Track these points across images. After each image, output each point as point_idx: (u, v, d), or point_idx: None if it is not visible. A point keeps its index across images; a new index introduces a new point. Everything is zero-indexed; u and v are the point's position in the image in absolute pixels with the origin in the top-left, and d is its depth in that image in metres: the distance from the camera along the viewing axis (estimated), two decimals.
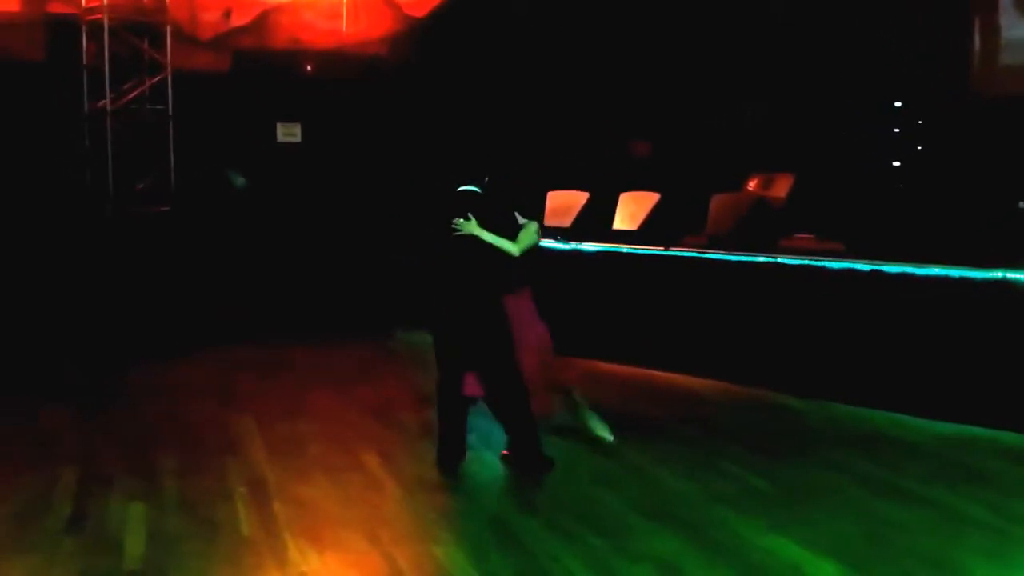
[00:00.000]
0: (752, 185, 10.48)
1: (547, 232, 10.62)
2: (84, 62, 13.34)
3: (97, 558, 5.05)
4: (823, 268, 8.37)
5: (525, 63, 13.01)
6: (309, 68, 14.08)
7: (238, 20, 14.24)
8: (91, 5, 13.13)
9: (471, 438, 7.29)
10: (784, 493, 6.02)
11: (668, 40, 12.26)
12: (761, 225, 9.60)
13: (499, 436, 7.25)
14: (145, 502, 5.86)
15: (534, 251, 6.91)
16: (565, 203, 10.86)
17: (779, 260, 8.72)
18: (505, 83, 13.16)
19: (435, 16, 14.37)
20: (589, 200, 10.83)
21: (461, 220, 6.44)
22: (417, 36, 14.37)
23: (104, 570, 4.94)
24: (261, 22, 14.30)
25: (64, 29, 13.39)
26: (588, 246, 10.13)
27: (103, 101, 13.18)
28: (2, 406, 8.22)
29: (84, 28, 13.28)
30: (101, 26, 13.03)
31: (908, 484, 6.16)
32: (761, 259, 8.83)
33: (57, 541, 5.26)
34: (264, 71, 13.95)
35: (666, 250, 9.55)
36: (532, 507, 5.76)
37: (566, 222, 10.72)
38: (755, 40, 11.74)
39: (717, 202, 10.06)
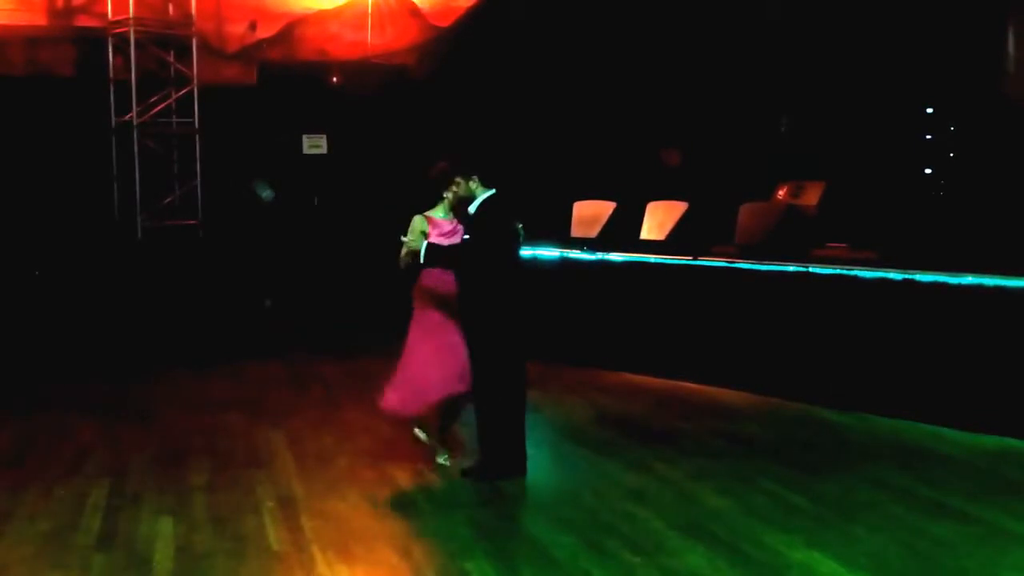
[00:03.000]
0: (782, 193, 10.37)
1: (574, 243, 10.60)
2: (111, 76, 13.41)
3: (127, 574, 5.03)
4: (856, 277, 8.26)
5: (552, 72, 12.95)
6: (335, 79, 14.08)
7: (264, 32, 14.28)
8: (117, 19, 13.19)
9: None
10: (822, 508, 5.91)
11: (697, 48, 12.17)
12: (792, 234, 9.49)
13: (528, 450, 7.20)
14: (174, 517, 5.83)
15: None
16: (592, 213, 10.81)
17: (811, 269, 8.62)
18: (532, 92, 13.11)
19: (460, 26, 14.36)
20: (616, 210, 10.76)
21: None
22: (442, 46, 14.36)
23: None
24: (287, 34, 14.34)
25: (91, 43, 13.48)
26: (615, 256, 10.05)
27: (130, 114, 13.25)
28: (32, 422, 8.20)
29: (110, 42, 13.36)
30: (127, 40, 13.11)
31: (949, 499, 6.05)
32: (792, 268, 8.72)
33: (87, 558, 5.23)
34: (290, 83, 13.97)
35: (695, 260, 9.46)
36: (566, 523, 5.68)
37: (593, 232, 10.65)
38: (784, 47, 11.64)
39: (747, 211, 9.96)
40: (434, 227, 6.75)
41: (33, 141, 12.78)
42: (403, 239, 6.61)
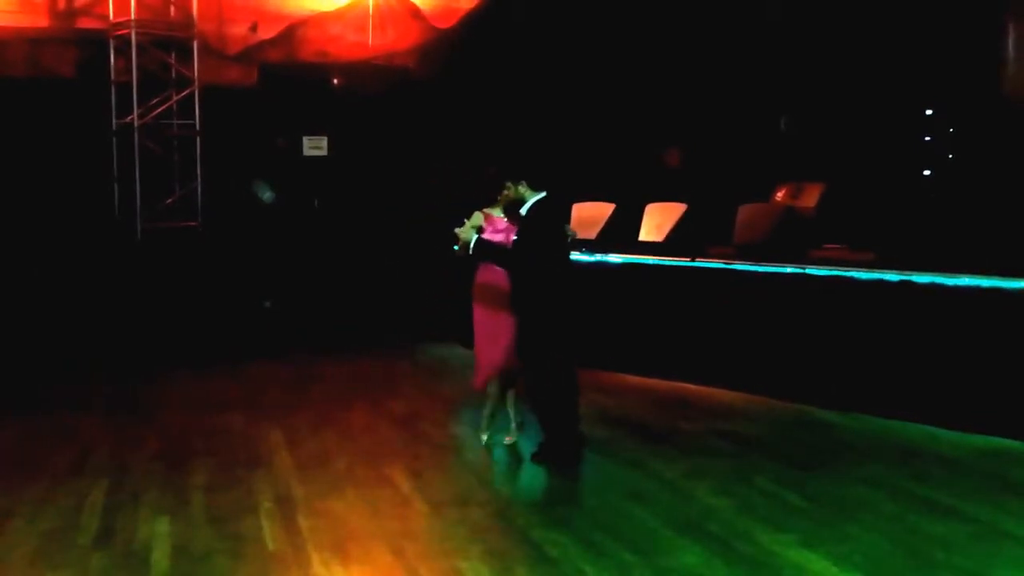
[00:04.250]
0: (781, 195, 10.40)
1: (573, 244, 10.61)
2: (112, 77, 13.44)
3: (125, 573, 5.06)
4: (853, 279, 8.28)
5: (552, 73, 12.98)
6: (336, 81, 14.11)
7: (265, 33, 14.33)
8: (119, 20, 13.23)
9: (498, 453, 7.30)
10: (817, 508, 5.94)
11: (696, 49, 12.20)
12: (790, 235, 9.52)
13: (526, 450, 7.25)
14: (172, 517, 5.85)
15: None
16: (591, 215, 10.82)
17: (808, 271, 8.64)
18: (532, 94, 13.14)
19: (462, 27, 14.39)
20: (615, 211, 10.78)
21: None
22: (444, 47, 14.39)
23: None
24: (288, 35, 14.38)
25: (93, 45, 13.51)
26: (614, 258, 10.07)
27: (131, 116, 13.28)
28: (33, 422, 8.24)
29: (112, 44, 13.39)
30: (129, 41, 13.15)
31: (944, 498, 6.07)
32: (790, 270, 8.74)
33: (86, 557, 5.25)
34: (291, 84, 13.99)
35: (693, 261, 9.48)
36: (562, 522, 5.70)
37: (592, 234, 10.66)
38: (784, 49, 11.66)
39: (745, 212, 9.98)
40: (490, 224, 7.10)
41: (34, 142, 12.81)
42: (456, 231, 6.92)
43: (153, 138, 13.51)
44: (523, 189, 6.81)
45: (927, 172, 11.20)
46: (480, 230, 6.99)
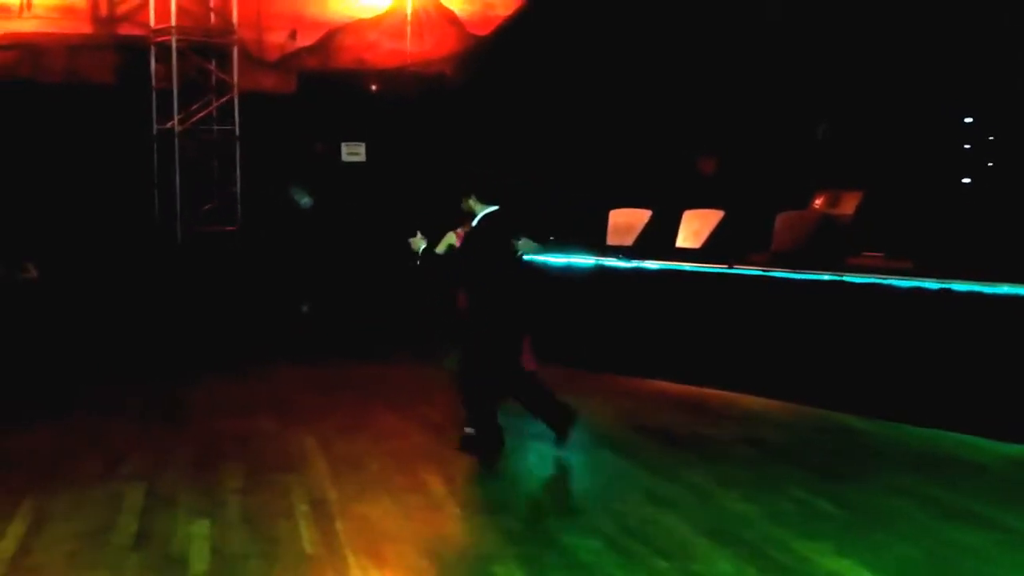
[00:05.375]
0: (819, 202, 10.34)
1: (609, 251, 10.62)
2: (153, 84, 13.60)
3: (162, 575, 5.11)
4: (891, 287, 8.22)
5: (589, 80, 12.99)
6: (374, 88, 14.20)
7: (303, 41, 14.46)
8: (159, 27, 13.38)
9: (531, 459, 7.30)
10: (849, 516, 5.90)
11: (734, 56, 12.16)
12: (828, 243, 9.46)
13: (558, 456, 7.26)
14: (209, 519, 5.90)
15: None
16: (628, 221, 10.82)
17: (845, 278, 8.58)
18: (569, 101, 13.15)
19: (499, 34, 14.43)
20: (652, 218, 10.77)
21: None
22: (481, 54, 14.44)
23: None
24: (326, 42, 14.50)
25: (133, 51, 13.69)
26: (651, 264, 10.05)
27: (171, 122, 13.44)
28: (69, 424, 8.33)
29: (152, 50, 13.55)
30: (169, 48, 13.32)
31: (976, 507, 6.01)
32: (827, 277, 8.69)
33: (123, 558, 5.31)
34: (329, 91, 14.10)
35: (730, 268, 9.45)
36: (593, 528, 5.70)
37: (628, 240, 10.66)
38: (822, 56, 11.60)
39: (783, 219, 9.93)
40: (460, 240, 7.53)
41: (76, 148, 12.99)
42: (409, 240, 7.30)
43: (193, 143, 13.66)
44: (473, 202, 7.11)
45: (966, 180, 11.09)
46: (452, 247, 7.43)
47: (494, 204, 7.10)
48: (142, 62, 13.68)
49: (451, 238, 7.51)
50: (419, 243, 7.26)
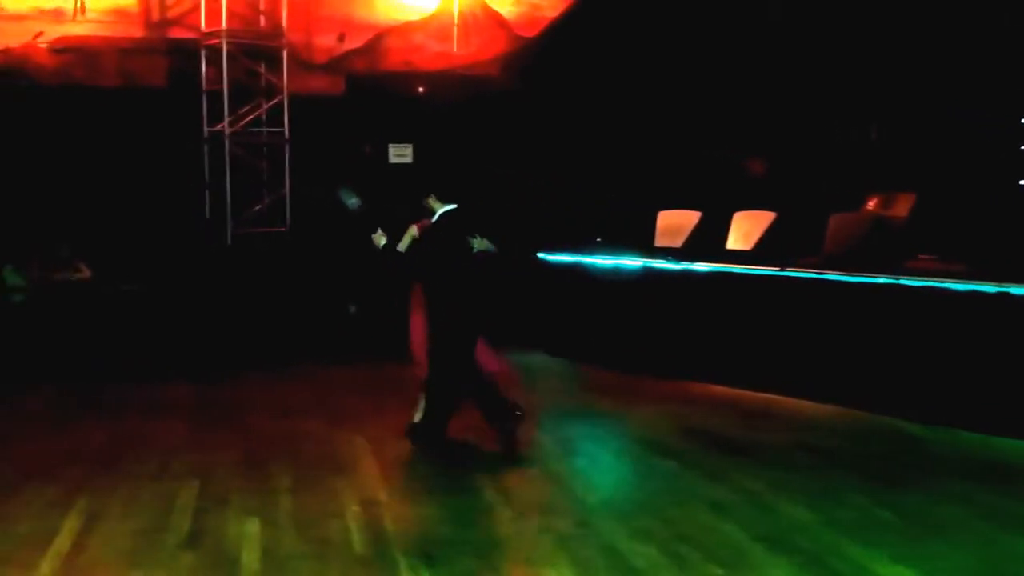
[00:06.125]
0: (872, 204, 10.19)
1: (658, 252, 10.55)
2: (203, 86, 13.70)
3: (215, 574, 5.13)
4: (948, 290, 8.07)
5: (638, 81, 12.91)
6: (421, 90, 14.22)
7: (352, 43, 14.50)
8: (210, 30, 13.48)
9: (581, 462, 7.25)
10: (906, 523, 5.81)
11: (786, 56, 12.04)
12: (881, 245, 9.32)
13: (608, 460, 7.22)
14: (260, 519, 5.92)
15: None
16: (677, 223, 10.74)
17: (900, 281, 8.44)
18: (618, 101, 13.08)
19: (546, 36, 14.39)
20: (701, 219, 10.68)
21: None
22: (528, 56, 14.41)
23: None
24: (374, 45, 14.54)
25: (184, 54, 13.80)
26: (700, 266, 9.97)
27: (221, 124, 13.53)
28: (120, 424, 8.40)
29: (203, 53, 13.65)
30: (219, 51, 13.39)
31: None
32: (881, 280, 8.56)
33: (177, 556, 5.35)
34: (377, 93, 14.13)
35: (781, 271, 9.33)
36: (646, 534, 5.64)
37: (677, 242, 10.58)
38: (875, 56, 11.44)
39: (836, 222, 9.80)
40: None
41: (128, 151, 13.12)
42: (372, 236, 7.52)
43: (243, 146, 13.75)
44: (432, 201, 7.43)
45: (1023, 182, 10.89)
46: (415, 241, 7.55)
47: (453, 203, 7.40)
48: (193, 65, 13.78)
49: (412, 231, 7.62)
50: (380, 239, 7.48)
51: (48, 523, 5.82)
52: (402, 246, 7.53)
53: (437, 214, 7.42)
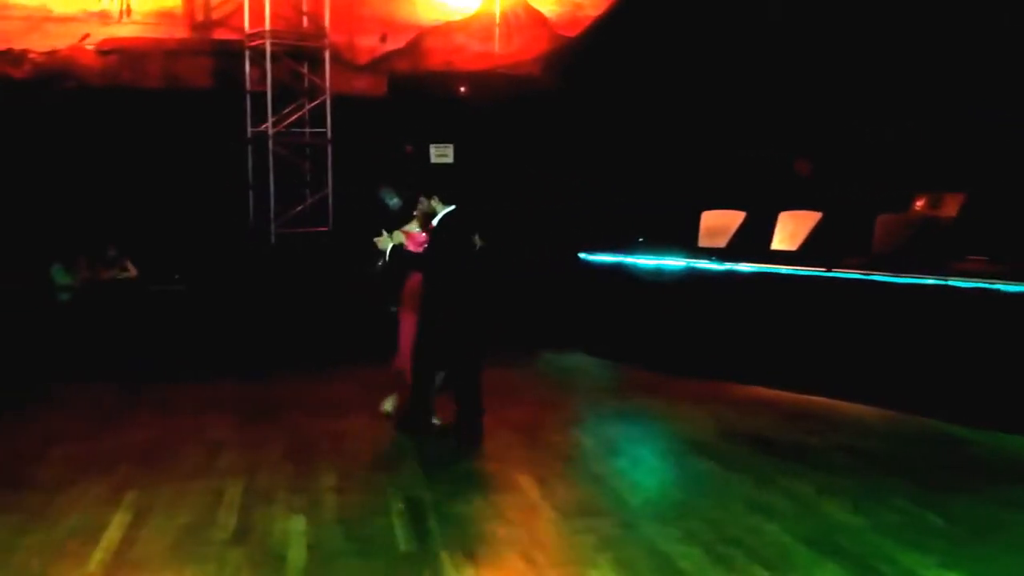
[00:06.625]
0: (920, 204, 10.07)
1: (701, 252, 10.49)
2: (247, 87, 13.81)
3: (262, 570, 5.17)
4: (999, 292, 7.96)
5: (681, 79, 12.85)
6: (463, 89, 14.25)
7: (393, 44, 14.56)
8: (254, 31, 13.59)
9: (623, 463, 7.23)
10: (955, 528, 5.74)
11: (832, 54, 11.93)
12: (930, 246, 9.20)
13: (651, 461, 7.19)
14: (305, 516, 5.96)
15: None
16: (721, 223, 10.68)
17: (948, 283, 8.34)
18: (660, 100, 13.03)
19: (588, 35, 14.37)
20: (746, 220, 10.61)
21: None
22: (570, 55, 14.39)
23: None
24: (416, 45, 14.60)
25: (228, 56, 13.92)
26: (744, 267, 9.90)
27: (265, 125, 13.63)
28: (168, 419, 8.49)
29: (247, 54, 13.76)
30: (263, 52, 13.50)
31: None
32: (929, 281, 8.46)
33: (225, 552, 5.39)
34: (419, 93, 14.17)
35: (828, 271, 9.24)
36: (691, 535, 5.61)
37: (721, 242, 10.52)
38: (924, 54, 11.31)
39: (883, 222, 9.69)
40: (410, 239, 7.93)
41: (173, 151, 13.25)
42: (375, 240, 7.79)
43: (286, 146, 13.84)
44: (435, 203, 7.71)
45: None
46: (402, 245, 7.80)
47: (452, 205, 7.69)
48: (237, 66, 13.91)
49: (399, 237, 7.87)
50: (387, 242, 7.71)
51: (98, 517, 5.89)
52: (384, 244, 7.73)
53: (440, 215, 7.70)
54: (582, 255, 11.72)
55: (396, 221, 8.30)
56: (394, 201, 14.05)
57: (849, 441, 7.72)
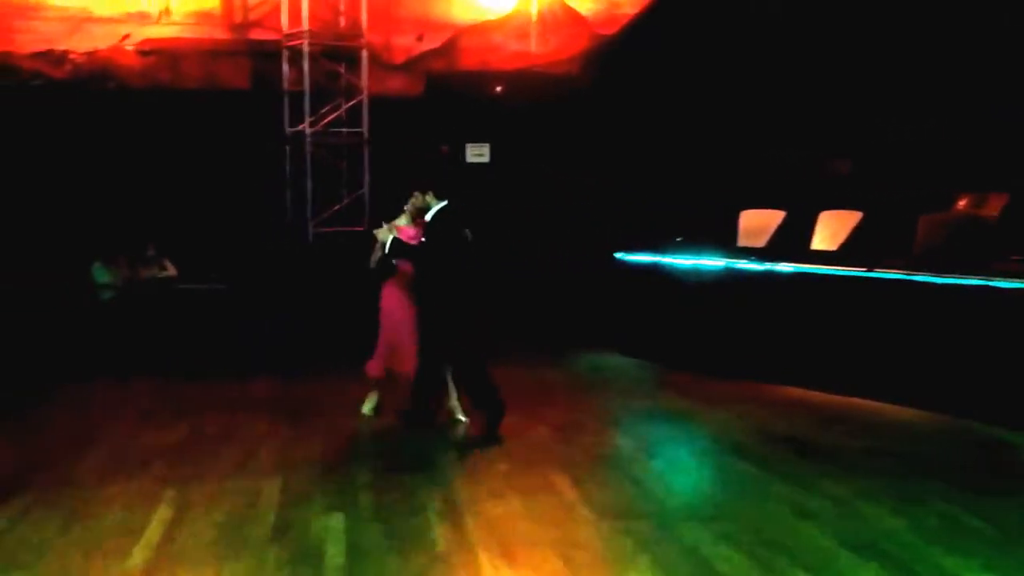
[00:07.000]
0: (963, 204, 9.94)
1: (740, 252, 10.42)
2: (284, 88, 13.87)
3: (301, 567, 5.18)
4: None
5: (720, 78, 12.78)
6: (498, 89, 14.24)
7: (430, 43, 14.56)
8: (291, 31, 13.65)
9: (660, 464, 7.20)
10: (998, 531, 5.67)
11: (872, 53, 11.82)
12: (972, 246, 9.09)
13: (688, 463, 7.14)
14: (343, 514, 5.97)
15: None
16: (760, 222, 10.60)
17: (991, 283, 8.22)
18: (699, 99, 12.96)
19: (626, 33, 14.31)
20: (785, 219, 10.52)
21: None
22: (607, 54, 14.34)
23: None
24: (452, 45, 14.59)
25: (265, 56, 13.99)
26: (784, 267, 9.82)
27: (302, 125, 13.69)
28: (204, 418, 8.53)
29: (285, 54, 13.82)
30: (301, 52, 13.55)
31: None
32: (972, 282, 8.35)
33: (264, 549, 5.42)
34: (455, 93, 14.18)
35: (869, 272, 9.14)
36: (729, 538, 5.57)
37: (760, 242, 10.44)
38: (969, 52, 11.17)
39: (926, 222, 9.58)
40: (400, 233, 8.12)
41: (211, 151, 13.34)
42: (375, 232, 8.14)
43: (323, 146, 13.90)
44: (429, 198, 7.98)
45: None
46: (395, 240, 8.00)
47: (445, 200, 7.95)
48: (274, 66, 13.97)
49: (392, 231, 8.06)
50: (386, 234, 7.99)
51: (138, 514, 5.94)
52: (383, 236, 8.00)
53: (434, 210, 7.94)
54: (618, 255, 11.68)
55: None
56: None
57: (889, 443, 7.65)
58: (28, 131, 13.18)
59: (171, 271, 12.53)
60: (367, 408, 8.55)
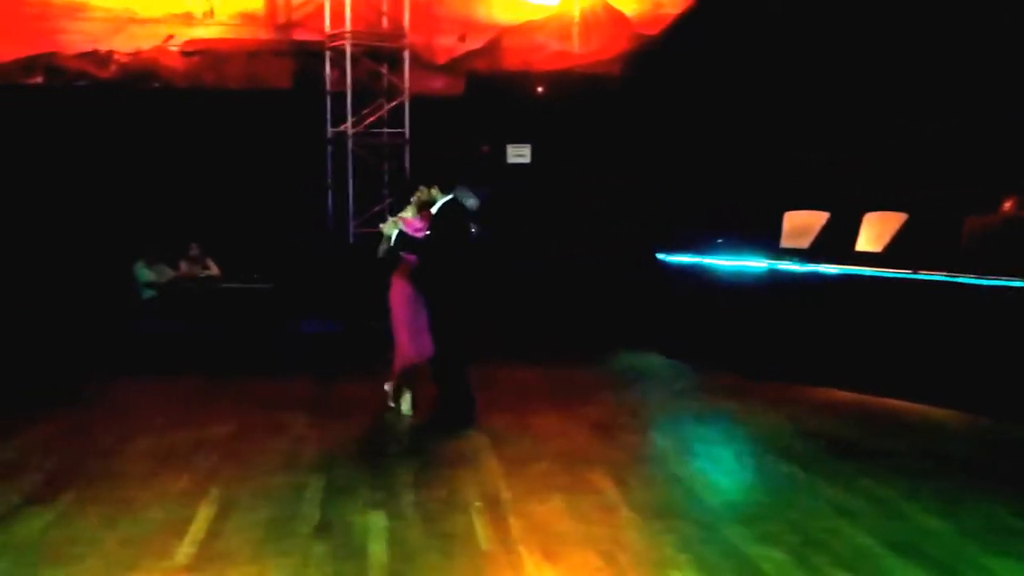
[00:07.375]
0: (1008, 206, 9.82)
1: (783, 253, 10.36)
2: (327, 88, 13.96)
3: (345, 564, 5.21)
4: None
5: (764, 77, 12.71)
6: (541, 89, 14.25)
7: (471, 43, 14.59)
8: (334, 32, 13.74)
9: (702, 464, 7.17)
10: None
11: (916, 53, 11.70)
12: (1018, 248, 8.97)
13: (730, 463, 7.12)
14: (386, 511, 6.01)
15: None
16: (804, 224, 10.54)
17: None
18: (743, 99, 12.90)
19: (669, 33, 14.26)
20: (829, 220, 10.45)
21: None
22: (651, 54, 14.30)
23: None
24: (494, 45, 14.61)
25: (308, 56, 14.09)
26: (828, 268, 9.75)
27: (344, 125, 13.77)
28: (247, 416, 8.60)
29: (327, 55, 13.91)
30: (343, 53, 13.64)
31: None
32: (1017, 284, 8.24)
33: (308, 546, 5.45)
34: (497, 93, 14.21)
35: (914, 273, 9.05)
36: (772, 538, 5.55)
37: (804, 243, 10.38)
38: (1010, 53, 11.04)
39: (971, 223, 9.47)
40: (407, 226, 8.23)
41: (253, 150, 13.46)
42: (381, 226, 8.37)
43: (364, 146, 13.97)
44: (435, 192, 8.17)
45: None
46: (402, 233, 8.14)
47: (450, 194, 8.17)
48: (317, 67, 14.07)
49: (398, 224, 8.18)
50: (392, 228, 8.16)
51: (182, 511, 6.00)
52: (389, 229, 8.15)
53: (439, 203, 8.13)
54: (660, 255, 11.65)
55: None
56: (471, 201, 14.09)
57: (933, 445, 7.59)
58: (74, 131, 13.38)
59: (214, 270, 12.66)
60: (405, 407, 8.59)
